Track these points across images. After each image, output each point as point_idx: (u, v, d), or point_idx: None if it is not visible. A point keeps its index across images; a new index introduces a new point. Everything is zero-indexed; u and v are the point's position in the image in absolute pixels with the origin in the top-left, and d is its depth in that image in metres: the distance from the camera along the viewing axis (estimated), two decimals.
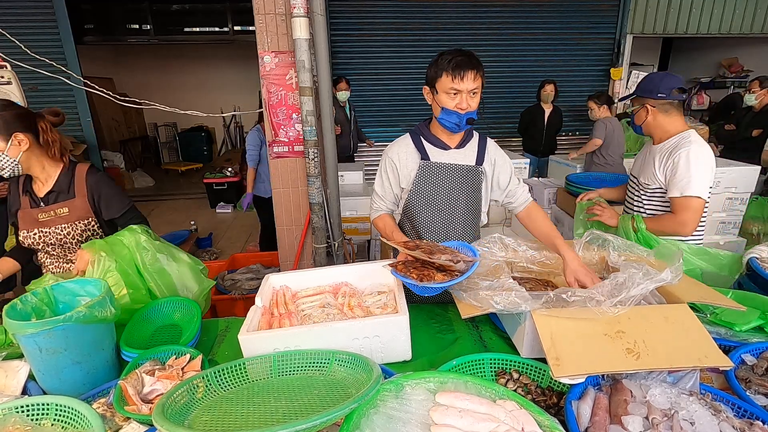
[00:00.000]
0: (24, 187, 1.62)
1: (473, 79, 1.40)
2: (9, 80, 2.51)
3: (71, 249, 1.66)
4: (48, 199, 1.62)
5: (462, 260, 1.20)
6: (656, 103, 1.78)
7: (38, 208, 1.61)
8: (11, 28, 2.88)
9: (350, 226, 3.71)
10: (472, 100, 1.44)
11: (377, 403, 0.87)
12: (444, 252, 1.23)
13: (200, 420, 0.90)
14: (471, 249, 1.30)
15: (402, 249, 1.26)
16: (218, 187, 6.52)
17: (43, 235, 1.61)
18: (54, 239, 1.62)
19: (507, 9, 5.80)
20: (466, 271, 1.18)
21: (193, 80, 9.61)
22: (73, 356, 1.11)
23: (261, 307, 1.31)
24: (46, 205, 1.61)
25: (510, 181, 1.64)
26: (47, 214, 1.60)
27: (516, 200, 1.64)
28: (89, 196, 1.65)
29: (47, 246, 1.63)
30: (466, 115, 1.45)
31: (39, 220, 1.60)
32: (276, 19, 2.47)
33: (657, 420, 0.89)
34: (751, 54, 6.96)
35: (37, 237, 1.61)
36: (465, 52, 1.42)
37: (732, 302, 1.24)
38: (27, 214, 1.61)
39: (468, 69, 1.39)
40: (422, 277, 1.18)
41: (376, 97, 5.95)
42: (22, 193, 1.62)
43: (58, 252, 1.66)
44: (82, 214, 1.64)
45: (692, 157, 1.67)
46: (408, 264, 1.25)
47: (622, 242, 1.44)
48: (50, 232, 1.61)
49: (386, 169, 1.63)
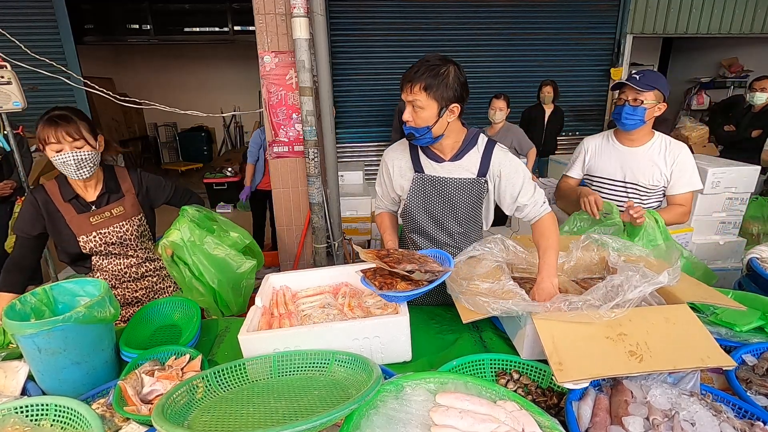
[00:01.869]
0: (64, 197, 1.59)
1: (409, 92, 1.31)
2: (9, 80, 2.50)
3: (130, 245, 1.71)
4: (100, 201, 1.64)
5: (432, 270, 1.20)
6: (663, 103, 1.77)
7: (89, 212, 1.62)
8: (11, 28, 2.88)
9: (350, 226, 3.71)
10: (415, 114, 1.34)
11: (377, 403, 0.87)
12: (414, 261, 1.22)
13: (200, 420, 0.90)
14: (448, 259, 1.30)
15: (370, 258, 1.23)
16: (218, 187, 6.51)
17: (103, 236, 1.63)
18: (114, 238, 1.65)
19: (507, 9, 5.80)
20: (432, 281, 1.18)
21: (193, 80, 9.59)
22: (73, 357, 1.10)
23: (261, 307, 1.31)
24: (98, 207, 1.63)
25: (519, 196, 1.47)
26: (100, 216, 1.63)
27: (526, 217, 1.50)
28: (137, 191, 1.73)
29: (108, 246, 1.65)
30: (407, 129, 1.38)
31: (92, 224, 1.61)
32: (276, 19, 2.47)
33: (658, 421, 0.89)
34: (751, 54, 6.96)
35: (97, 239, 1.63)
36: (425, 61, 1.31)
37: (732, 302, 1.24)
38: (78, 219, 1.60)
39: (405, 81, 1.32)
40: (383, 285, 1.18)
41: (377, 97, 5.94)
42: (64, 202, 1.59)
43: (118, 250, 1.69)
44: (135, 210, 1.71)
45: (690, 156, 1.79)
46: (377, 271, 1.25)
47: (621, 243, 1.43)
48: (109, 232, 1.64)
49: (382, 173, 1.63)
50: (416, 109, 1.33)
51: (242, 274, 1.63)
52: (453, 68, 1.31)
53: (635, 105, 1.74)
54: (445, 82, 1.30)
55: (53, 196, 1.60)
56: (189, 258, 1.57)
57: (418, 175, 1.52)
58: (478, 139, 1.50)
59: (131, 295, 1.76)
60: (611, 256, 1.39)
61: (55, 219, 1.59)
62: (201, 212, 1.66)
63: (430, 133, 1.36)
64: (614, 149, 1.92)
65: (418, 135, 1.38)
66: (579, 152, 2.06)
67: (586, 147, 2.03)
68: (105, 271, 1.70)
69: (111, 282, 1.71)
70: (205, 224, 1.65)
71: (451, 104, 1.33)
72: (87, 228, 1.61)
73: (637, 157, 1.86)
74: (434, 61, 1.30)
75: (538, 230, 1.45)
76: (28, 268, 1.62)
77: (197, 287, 1.60)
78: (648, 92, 1.72)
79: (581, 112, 6.35)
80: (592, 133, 2.10)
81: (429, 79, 1.28)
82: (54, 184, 1.61)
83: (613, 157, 1.92)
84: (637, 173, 1.87)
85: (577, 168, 2.06)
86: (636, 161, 1.86)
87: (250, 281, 1.67)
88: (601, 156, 1.96)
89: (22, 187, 2.84)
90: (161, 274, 1.84)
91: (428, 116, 1.33)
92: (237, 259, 1.63)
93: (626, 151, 1.89)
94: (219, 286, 1.60)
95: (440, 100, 1.31)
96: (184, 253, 1.57)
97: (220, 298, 1.65)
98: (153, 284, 1.81)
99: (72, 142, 1.48)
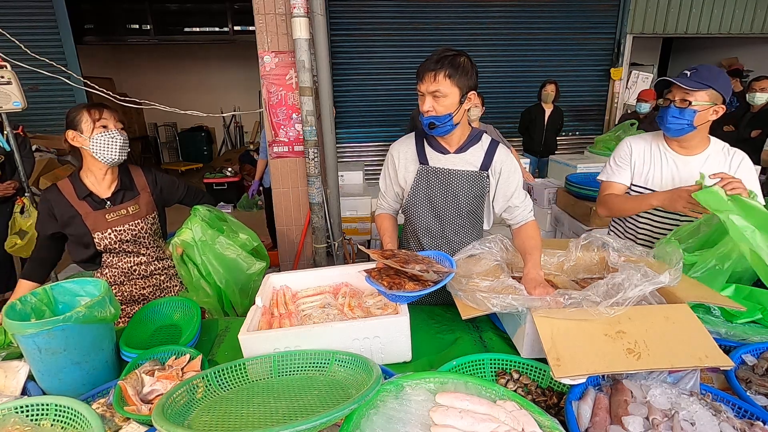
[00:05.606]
0: (78, 194, 1.60)
1: (432, 81, 1.34)
2: (9, 80, 2.50)
3: (143, 243, 1.72)
4: (116, 198, 1.65)
5: (437, 271, 1.20)
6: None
7: (104, 209, 1.62)
8: (11, 28, 2.88)
9: (350, 226, 3.72)
10: (435, 103, 1.37)
11: (377, 403, 0.87)
12: (419, 262, 1.22)
13: (200, 420, 0.90)
14: (450, 260, 1.30)
15: (377, 257, 1.24)
16: (218, 187, 6.52)
17: (118, 234, 1.64)
18: (129, 236, 1.67)
19: (507, 9, 5.81)
20: (439, 282, 1.18)
21: (193, 80, 9.60)
22: (73, 356, 1.11)
23: (261, 307, 1.31)
24: (113, 204, 1.65)
25: (512, 197, 1.54)
26: (116, 214, 1.64)
27: (513, 219, 1.57)
28: (152, 190, 1.76)
29: (123, 244, 1.66)
30: (428, 119, 1.40)
31: (108, 221, 1.62)
32: (276, 19, 2.47)
33: (657, 420, 0.89)
34: (751, 54, 6.96)
35: (113, 237, 1.64)
36: (442, 52, 1.35)
37: (732, 302, 1.24)
38: (94, 216, 1.61)
39: (426, 71, 1.35)
40: (392, 285, 1.17)
41: (377, 97, 5.95)
42: (79, 199, 1.60)
43: (132, 248, 1.70)
44: (150, 209, 1.74)
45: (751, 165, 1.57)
46: (383, 271, 1.24)
47: (621, 243, 1.43)
48: (124, 229, 1.66)
49: (388, 165, 1.64)
50: (439, 97, 1.36)
51: (251, 275, 1.65)
52: (465, 58, 1.38)
53: (682, 107, 1.48)
54: (464, 70, 1.36)
55: (67, 194, 1.60)
56: (198, 257, 1.58)
57: (423, 166, 1.54)
58: (482, 136, 1.56)
59: (138, 292, 1.76)
60: (611, 256, 1.39)
61: (71, 217, 1.60)
62: (212, 212, 1.67)
63: (451, 120, 1.40)
64: (665, 157, 1.65)
65: (440, 123, 1.40)
66: (624, 154, 1.73)
67: (632, 150, 1.71)
68: (115, 268, 1.70)
69: (119, 278, 1.72)
70: (216, 224, 1.66)
71: (469, 92, 1.40)
72: (103, 225, 1.62)
73: (692, 168, 1.60)
74: (449, 52, 1.36)
75: (525, 233, 1.51)
76: (48, 263, 1.70)
77: (204, 287, 1.61)
78: (699, 91, 1.46)
79: (581, 112, 6.35)
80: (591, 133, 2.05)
81: (451, 68, 1.34)
82: (67, 183, 1.62)
83: (667, 166, 1.65)
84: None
85: (625, 173, 1.72)
86: (690, 173, 1.59)
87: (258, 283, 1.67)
88: (650, 164, 1.67)
89: (23, 187, 2.85)
90: (169, 273, 1.84)
91: (450, 103, 1.38)
92: (248, 260, 1.65)
93: (681, 160, 1.62)
94: (226, 287, 1.62)
95: (462, 87, 1.37)
96: (194, 253, 1.58)
97: (226, 299, 1.65)
98: (161, 282, 1.82)
99: (117, 123, 1.58)
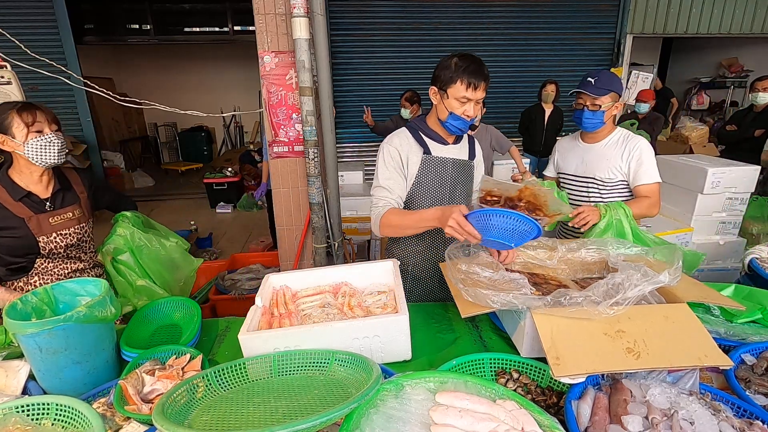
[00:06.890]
0: (13, 196, 1.49)
1: (484, 89, 1.46)
2: (9, 80, 2.50)
3: (83, 249, 1.68)
4: (55, 199, 1.58)
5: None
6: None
7: (47, 213, 1.55)
8: (11, 28, 2.88)
9: (350, 226, 3.71)
10: (477, 108, 1.50)
11: (377, 402, 0.87)
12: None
13: (200, 420, 0.90)
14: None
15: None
16: (218, 187, 6.51)
17: (63, 238, 1.59)
18: (74, 240, 1.62)
19: (507, 9, 5.80)
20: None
21: (193, 80, 9.60)
22: (74, 356, 1.11)
23: (261, 307, 1.31)
24: (53, 206, 1.57)
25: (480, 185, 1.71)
26: (60, 217, 1.58)
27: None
28: (89, 192, 1.70)
29: (67, 249, 1.61)
30: (471, 122, 1.51)
31: (52, 225, 1.56)
32: (276, 19, 2.47)
33: (657, 420, 0.89)
34: (751, 54, 6.97)
35: (58, 241, 1.57)
36: (477, 59, 1.45)
37: (731, 301, 1.24)
38: (37, 220, 1.52)
39: (482, 80, 1.44)
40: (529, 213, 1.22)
41: (377, 97, 5.95)
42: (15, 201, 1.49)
43: (74, 253, 1.65)
44: (90, 212, 1.69)
45: (648, 148, 1.85)
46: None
47: (621, 243, 1.43)
48: (69, 233, 1.60)
49: (390, 161, 1.59)
50: (479, 103, 1.48)
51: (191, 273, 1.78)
52: None
53: (594, 110, 1.83)
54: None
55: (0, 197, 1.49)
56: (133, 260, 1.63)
57: (427, 156, 1.59)
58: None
59: None
60: (611, 256, 1.39)
61: (8, 219, 1.49)
62: (140, 217, 1.70)
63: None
64: (577, 146, 2.04)
65: (471, 123, 1.54)
66: (553, 153, 2.21)
67: (557, 147, 2.18)
68: (49, 275, 1.60)
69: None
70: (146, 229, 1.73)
71: None
72: (47, 229, 1.55)
73: (595, 153, 1.95)
74: (477, 57, 1.46)
75: None
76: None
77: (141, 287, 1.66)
78: (604, 96, 1.80)
79: None
80: None
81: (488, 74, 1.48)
82: None
83: (576, 154, 2.03)
84: (594, 168, 1.95)
85: (550, 167, 2.21)
86: (593, 156, 1.95)
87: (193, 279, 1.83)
88: (567, 154, 2.08)
89: None
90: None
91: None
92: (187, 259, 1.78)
93: (586, 148, 1.99)
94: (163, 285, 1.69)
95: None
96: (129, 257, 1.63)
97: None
98: None
99: (51, 125, 1.50)
